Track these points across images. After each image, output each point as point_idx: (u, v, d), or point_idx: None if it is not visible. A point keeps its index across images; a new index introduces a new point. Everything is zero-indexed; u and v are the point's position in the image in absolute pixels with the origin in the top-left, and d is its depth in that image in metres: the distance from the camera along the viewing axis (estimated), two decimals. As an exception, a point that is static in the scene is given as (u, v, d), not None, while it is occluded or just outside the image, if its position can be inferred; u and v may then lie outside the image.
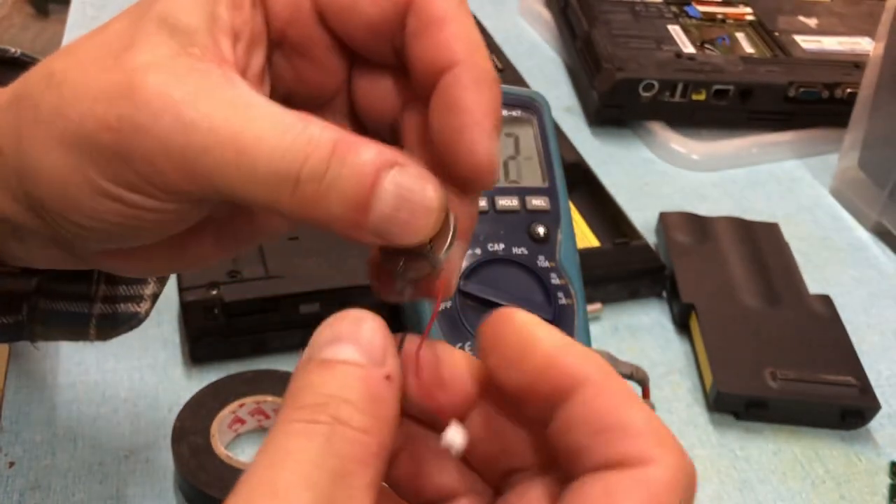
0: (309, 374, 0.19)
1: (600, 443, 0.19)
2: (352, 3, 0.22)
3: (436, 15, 0.22)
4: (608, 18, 0.67)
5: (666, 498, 0.18)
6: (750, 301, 0.47)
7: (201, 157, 0.20)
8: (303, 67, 0.24)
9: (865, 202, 0.57)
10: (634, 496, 0.18)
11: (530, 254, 0.39)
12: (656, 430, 0.19)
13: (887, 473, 0.41)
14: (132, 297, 0.31)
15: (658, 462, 0.18)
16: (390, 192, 0.20)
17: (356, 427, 0.18)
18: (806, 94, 0.61)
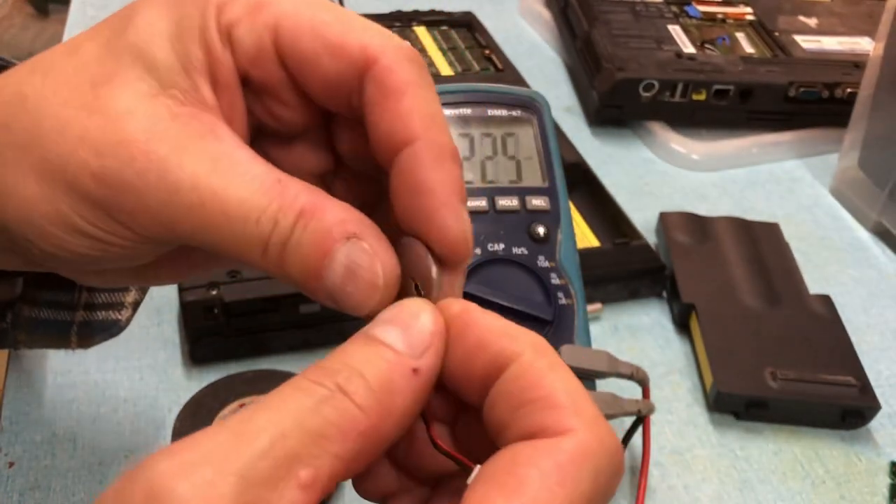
0: (351, 343, 0.19)
1: (520, 416, 0.19)
2: (312, 57, 0.22)
3: (394, 86, 0.21)
4: (608, 18, 0.67)
5: (573, 468, 0.18)
6: (750, 301, 0.47)
7: (182, 214, 0.21)
8: (271, 105, 0.24)
9: (865, 202, 0.57)
10: (540, 465, 0.17)
11: (530, 254, 0.39)
12: (576, 402, 0.19)
13: (887, 473, 0.41)
14: (113, 305, 0.31)
15: (572, 433, 0.18)
16: (341, 263, 0.20)
17: (356, 401, 0.18)
18: (806, 93, 0.61)
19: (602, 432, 0.18)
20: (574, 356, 0.36)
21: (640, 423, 0.39)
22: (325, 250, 0.20)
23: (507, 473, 0.18)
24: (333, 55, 0.22)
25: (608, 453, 0.18)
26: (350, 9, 0.63)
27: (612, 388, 0.38)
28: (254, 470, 0.17)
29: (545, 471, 0.17)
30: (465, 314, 0.21)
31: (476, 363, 0.20)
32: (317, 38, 0.22)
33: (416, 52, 0.23)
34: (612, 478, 0.19)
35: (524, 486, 0.17)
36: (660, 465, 0.40)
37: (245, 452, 0.17)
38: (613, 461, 0.19)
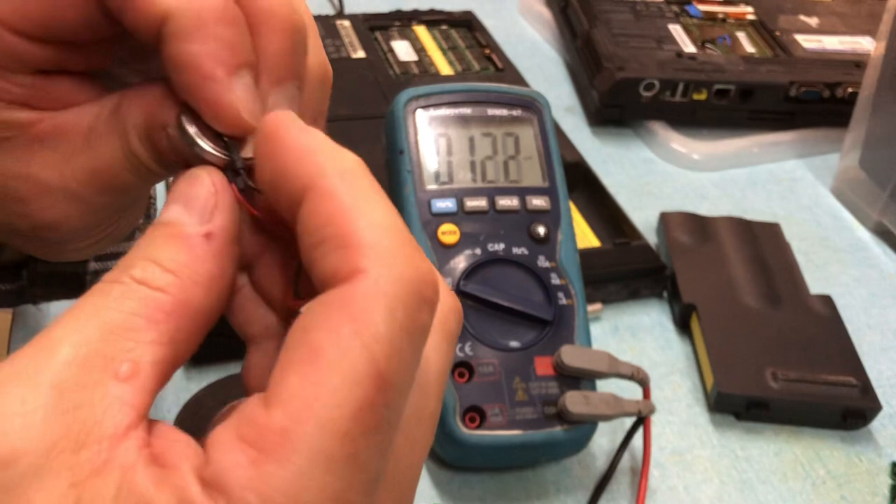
0: (142, 236, 0.19)
1: (317, 258, 0.17)
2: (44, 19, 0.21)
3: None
4: (608, 18, 0.67)
5: (370, 316, 0.16)
6: (751, 301, 0.47)
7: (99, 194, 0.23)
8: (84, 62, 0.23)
9: (866, 202, 0.57)
10: (329, 324, 0.16)
11: (530, 254, 0.39)
12: (372, 235, 0.17)
13: (888, 474, 0.41)
14: (121, 254, 0.32)
15: (362, 275, 0.16)
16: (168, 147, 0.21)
17: (154, 286, 0.18)
18: (807, 93, 0.61)
19: (395, 263, 0.17)
20: (574, 356, 0.36)
21: (641, 424, 0.39)
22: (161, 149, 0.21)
23: (301, 345, 0.16)
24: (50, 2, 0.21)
25: (406, 284, 0.17)
26: (349, 9, 0.63)
27: (613, 388, 0.38)
28: (64, 377, 0.16)
29: (337, 330, 0.16)
30: (273, 134, 0.19)
31: (282, 193, 0.18)
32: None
33: None
34: (417, 309, 0.17)
35: (318, 355, 0.16)
36: (660, 465, 0.40)
37: (51, 363, 0.16)
38: (414, 290, 0.17)
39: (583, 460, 0.40)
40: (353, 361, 0.16)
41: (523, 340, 0.37)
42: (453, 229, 0.39)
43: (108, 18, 0.21)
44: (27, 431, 0.15)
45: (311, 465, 0.15)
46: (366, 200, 0.17)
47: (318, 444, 0.15)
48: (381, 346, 0.16)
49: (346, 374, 0.16)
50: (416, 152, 0.41)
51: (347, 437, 0.16)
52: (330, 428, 0.15)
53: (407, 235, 0.17)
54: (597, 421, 0.36)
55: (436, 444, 0.38)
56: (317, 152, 0.18)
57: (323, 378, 0.16)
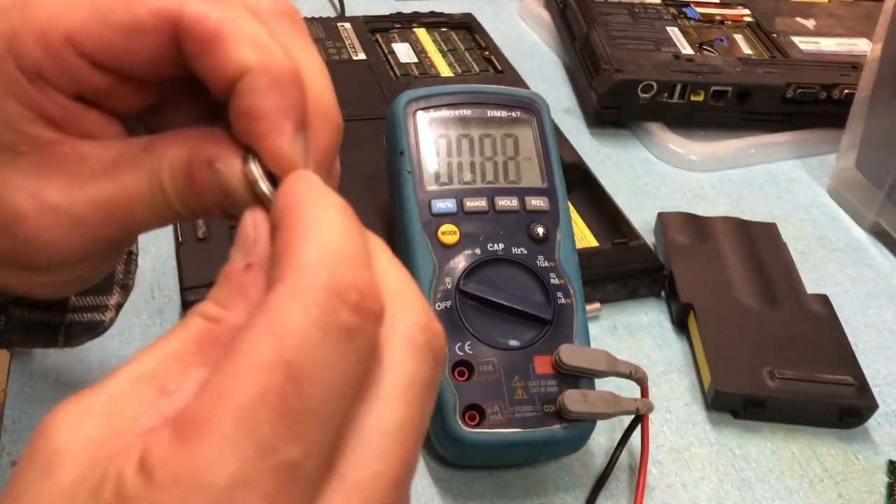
0: None
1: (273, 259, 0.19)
2: (113, 47, 0.22)
3: (208, 33, 0.21)
4: (607, 20, 0.67)
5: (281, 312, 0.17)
6: (748, 300, 0.47)
7: (102, 227, 0.23)
8: (117, 98, 0.24)
9: (863, 202, 0.57)
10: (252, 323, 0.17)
11: (530, 254, 0.40)
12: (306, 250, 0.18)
13: (885, 472, 0.41)
14: (98, 307, 0.33)
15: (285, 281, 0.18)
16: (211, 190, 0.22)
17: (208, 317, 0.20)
18: (804, 95, 0.62)
19: (318, 271, 0.18)
20: (573, 355, 0.36)
21: (639, 422, 0.39)
22: (199, 187, 0.22)
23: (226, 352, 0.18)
24: (132, 36, 0.21)
25: (325, 289, 0.18)
26: (350, 11, 0.64)
27: (611, 387, 0.39)
28: (120, 387, 0.18)
29: (250, 329, 0.17)
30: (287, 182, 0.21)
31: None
32: (105, 26, 0.21)
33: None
34: (336, 311, 0.18)
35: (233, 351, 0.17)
36: (658, 463, 0.41)
37: (118, 377, 0.19)
38: (337, 294, 0.18)
39: (581, 458, 0.40)
40: (260, 352, 0.17)
41: (522, 339, 0.37)
42: (453, 229, 0.39)
43: (176, 61, 0.22)
44: (78, 429, 0.18)
45: (216, 446, 0.16)
46: (316, 225, 0.19)
47: (221, 427, 0.16)
48: (291, 339, 0.17)
49: (254, 363, 0.17)
50: (417, 153, 0.41)
51: (251, 421, 0.16)
52: (234, 411, 0.16)
53: (347, 251, 0.19)
54: (595, 419, 0.37)
55: (436, 443, 0.38)
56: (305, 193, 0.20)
57: (234, 369, 0.17)
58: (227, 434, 0.16)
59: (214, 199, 0.22)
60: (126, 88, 0.23)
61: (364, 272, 0.19)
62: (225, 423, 0.16)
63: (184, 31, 0.21)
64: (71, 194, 0.23)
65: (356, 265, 0.18)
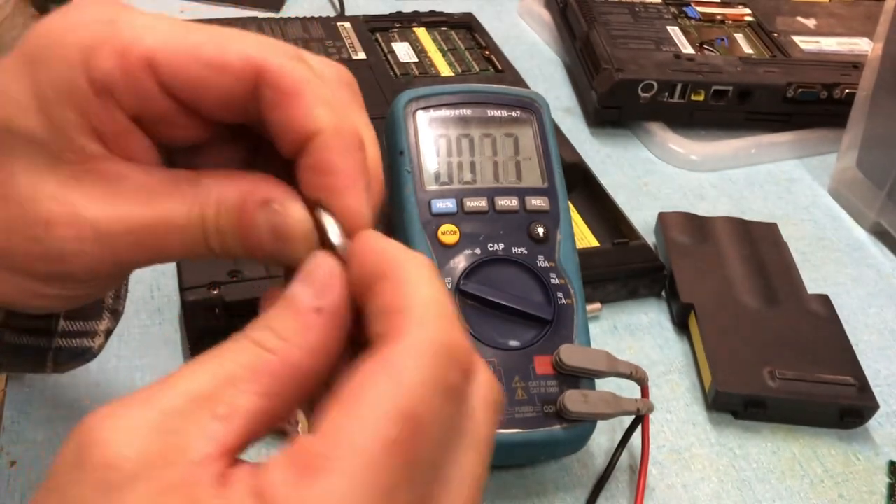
0: (269, 308, 0.22)
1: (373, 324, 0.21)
2: (196, 81, 0.23)
3: (290, 88, 0.22)
4: (607, 19, 0.67)
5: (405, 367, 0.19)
6: (749, 300, 0.47)
7: (129, 254, 0.23)
8: (173, 130, 0.25)
9: (863, 202, 0.57)
10: (374, 372, 0.19)
11: (530, 254, 0.39)
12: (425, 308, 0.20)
13: (885, 473, 0.41)
14: (87, 333, 0.33)
15: (405, 335, 0.20)
16: (264, 230, 0.23)
17: (265, 347, 0.20)
18: (804, 94, 0.62)
19: (435, 330, 0.20)
20: (573, 355, 0.36)
21: (639, 423, 0.39)
22: (248, 224, 0.23)
23: (346, 390, 0.19)
24: (217, 74, 0.23)
25: (442, 348, 0.20)
26: (349, 11, 0.64)
27: (612, 387, 0.39)
28: (172, 405, 0.19)
29: (376, 377, 0.19)
30: (361, 240, 0.23)
31: (363, 283, 0.22)
32: (195, 61, 0.23)
33: (299, 51, 0.24)
34: (451, 372, 0.20)
35: (359, 397, 0.19)
36: (658, 463, 0.41)
37: (168, 393, 0.19)
38: (449, 355, 0.20)
39: (582, 459, 0.40)
40: (387, 402, 0.18)
41: (523, 340, 0.37)
42: (453, 229, 0.39)
43: (245, 107, 0.23)
44: (132, 443, 0.18)
45: (343, 486, 0.17)
46: (425, 284, 0.21)
47: (349, 469, 0.18)
48: (412, 394, 0.19)
49: (380, 412, 0.18)
50: (417, 153, 0.41)
51: (377, 467, 0.18)
52: (363, 455, 0.18)
53: (450, 310, 0.21)
54: (596, 419, 0.37)
55: (436, 443, 0.38)
56: (395, 252, 0.22)
57: (360, 413, 0.18)
58: (357, 476, 0.18)
59: (262, 239, 0.23)
60: (185, 120, 0.24)
61: (463, 333, 0.21)
62: (355, 466, 0.18)
63: (266, 81, 0.22)
64: (105, 211, 0.23)
65: (457, 325, 0.21)
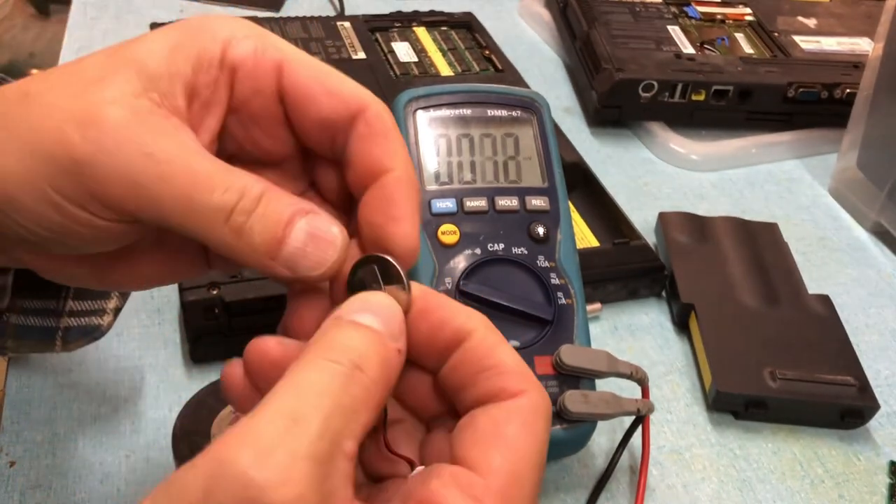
0: (339, 328, 0.23)
1: (480, 380, 0.24)
2: (312, 97, 0.26)
3: (381, 129, 0.26)
4: (608, 19, 0.67)
5: (534, 420, 0.23)
6: (749, 301, 0.47)
7: (155, 184, 0.23)
8: (258, 135, 0.27)
9: (864, 202, 0.57)
10: (513, 421, 0.23)
11: (530, 254, 0.39)
12: (523, 369, 0.24)
13: (886, 473, 0.41)
14: (95, 311, 0.33)
15: (526, 393, 0.24)
16: (302, 230, 0.24)
17: (370, 377, 0.22)
18: (805, 94, 0.62)
19: (544, 393, 0.24)
20: (574, 356, 0.36)
21: (640, 423, 0.39)
22: (287, 220, 0.24)
23: (493, 434, 0.23)
24: (332, 98, 0.26)
25: (549, 408, 0.24)
26: (349, 10, 0.64)
27: (612, 387, 0.38)
28: (318, 450, 0.19)
29: (518, 425, 0.23)
30: (426, 296, 0.25)
31: (439, 337, 0.25)
32: (318, 82, 0.26)
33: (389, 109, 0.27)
34: (550, 428, 0.24)
35: (511, 444, 0.23)
36: (659, 464, 0.41)
37: (307, 435, 0.20)
38: (549, 413, 0.24)
39: (582, 459, 0.40)
40: (534, 454, 0.23)
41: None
42: (453, 229, 0.39)
43: (336, 140, 0.26)
44: (292, 488, 0.19)
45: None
46: (507, 344, 0.25)
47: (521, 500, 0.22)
48: (543, 447, 0.23)
49: (532, 461, 0.23)
50: (417, 153, 0.41)
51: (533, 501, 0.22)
52: (525, 495, 0.22)
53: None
54: (596, 420, 0.37)
55: (436, 443, 0.38)
56: (462, 308, 0.25)
57: (519, 460, 0.23)
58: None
59: (295, 240, 0.24)
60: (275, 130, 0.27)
61: None
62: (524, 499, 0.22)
63: (365, 118, 0.26)
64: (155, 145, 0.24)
65: None
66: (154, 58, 0.25)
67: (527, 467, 0.23)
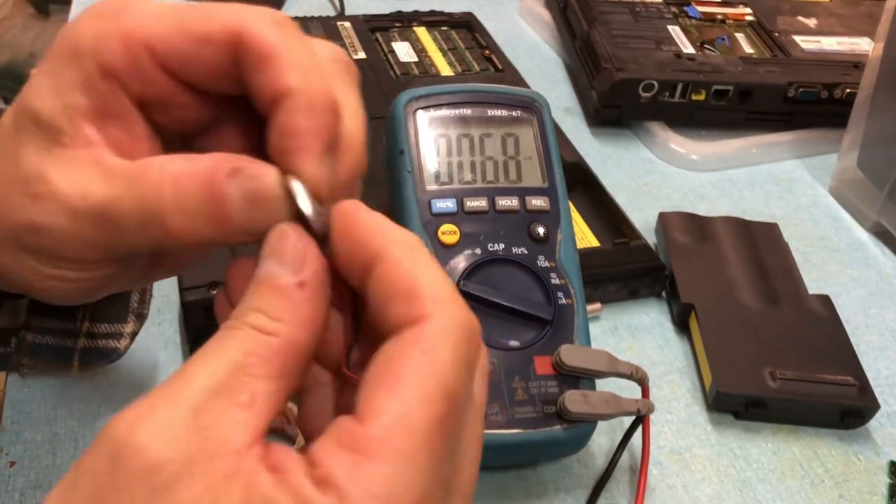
0: (248, 290, 0.22)
1: (387, 309, 0.22)
2: (188, 55, 0.24)
3: (265, 51, 0.23)
4: (608, 19, 0.67)
5: (435, 347, 0.21)
6: (749, 301, 0.47)
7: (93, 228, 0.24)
8: (177, 112, 0.26)
9: (864, 202, 0.57)
10: (408, 353, 0.21)
11: (530, 254, 0.39)
12: (432, 289, 0.22)
13: (886, 473, 0.41)
14: (112, 335, 0.34)
15: (430, 317, 0.21)
16: (236, 197, 0.23)
17: (265, 331, 0.21)
18: (805, 94, 0.62)
19: (454, 311, 0.21)
20: (574, 356, 0.36)
21: (640, 423, 0.39)
22: (217, 196, 0.23)
23: (384, 372, 0.21)
24: (203, 45, 0.24)
25: (462, 328, 0.21)
26: (350, 10, 0.64)
27: (612, 387, 0.38)
28: (199, 401, 0.19)
29: (413, 359, 0.20)
30: (346, 217, 0.23)
31: (355, 263, 0.23)
32: (184, 36, 0.24)
33: (281, 14, 0.25)
34: (470, 348, 0.22)
35: (400, 379, 0.20)
36: (659, 464, 0.41)
37: (189, 389, 0.20)
38: (468, 333, 0.22)
39: (582, 459, 0.40)
40: (429, 383, 0.20)
41: (523, 340, 0.37)
42: (453, 229, 0.39)
43: (234, 77, 0.24)
44: (173, 444, 0.19)
45: (402, 466, 0.19)
46: (424, 265, 0.22)
47: (406, 449, 0.19)
48: (449, 373, 0.20)
49: (425, 394, 0.20)
50: (417, 153, 0.41)
51: (428, 444, 0.20)
52: (416, 436, 0.19)
53: (456, 291, 0.22)
54: (596, 420, 0.37)
55: (436, 443, 0.38)
56: (379, 227, 0.23)
57: (407, 397, 0.20)
58: (414, 456, 0.19)
59: (235, 208, 0.23)
60: (188, 99, 0.25)
61: (469, 308, 0.22)
62: (412, 447, 0.19)
63: (245, 46, 0.24)
64: (76, 190, 0.24)
65: (464, 302, 0.22)
66: (44, 102, 0.24)
67: (420, 406, 0.20)
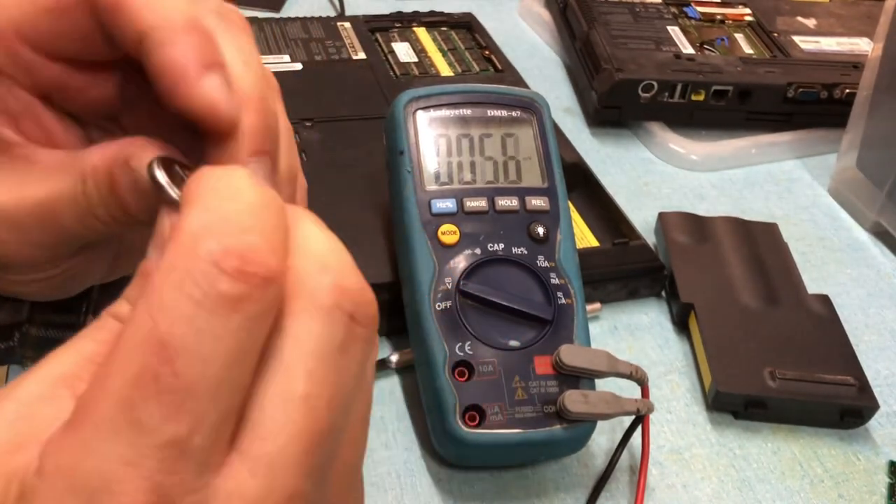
0: None
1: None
2: (51, 29, 0.23)
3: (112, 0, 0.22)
4: (607, 19, 0.67)
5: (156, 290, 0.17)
6: (749, 301, 0.47)
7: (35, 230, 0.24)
8: (78, 97, 0.25)
9: (864, 202, 0.57)
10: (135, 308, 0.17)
11: (530, 254, 0.39)
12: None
13: (886, 473, 0.41)
14: None
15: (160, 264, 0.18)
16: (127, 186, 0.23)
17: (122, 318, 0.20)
18: (805, 94, 0.62)
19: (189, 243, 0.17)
20: (573, 355, 0.36)
21: (640, 423, 0.39)
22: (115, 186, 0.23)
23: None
24: (59, 16, 0.23)
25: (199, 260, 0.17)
26: (350, 11, 0.64)
27: (612, 387, 0.39)
28: (32, 392, 0.18)
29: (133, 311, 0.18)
30: None
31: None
32: (40, 12, 0.23)
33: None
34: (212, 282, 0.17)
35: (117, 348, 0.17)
36: (659, 464, 0.41)
37: (26, 383, 0.19)
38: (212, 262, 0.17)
39: (582, 459, 0.40)
40: (136, 334, 0.17)
41: (523, 340, 0.37)
42: (453, 229, 0.39)
43: (103, 40, 0.23)
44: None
45: (95, 432, 0.16)
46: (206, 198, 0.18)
47: (100, 413, 0.16)
48: (165, 316, 0.17)
49: (130, 346, 0.17)
50: (417, 153, 0.41)
51: (127, 404, 0.16)
52: (111, 396, 0.16)
53: (233, 216, 0.18)
54: (596, 420, 0.37)
55: (436, 443, 0.38)
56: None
57: (113, 355, 0.17)
58: (106, 419, 0.16)
59: (133, 200, 0.23)
60: (79, 80, 0.24)
61: (250, 237, 0.17)
62: (103, 409, 0.16)
63: (96, 4, 0.22)
64: (10, 195, 0.24)
65: (240, 231, 0.17)
66: None
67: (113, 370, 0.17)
